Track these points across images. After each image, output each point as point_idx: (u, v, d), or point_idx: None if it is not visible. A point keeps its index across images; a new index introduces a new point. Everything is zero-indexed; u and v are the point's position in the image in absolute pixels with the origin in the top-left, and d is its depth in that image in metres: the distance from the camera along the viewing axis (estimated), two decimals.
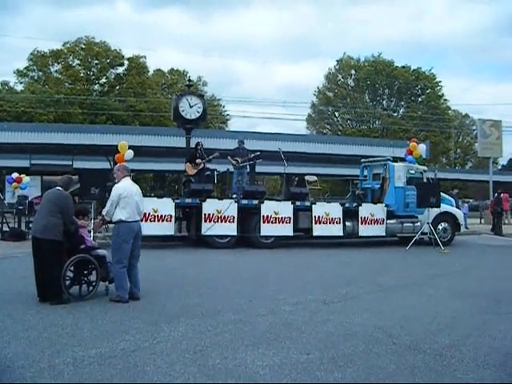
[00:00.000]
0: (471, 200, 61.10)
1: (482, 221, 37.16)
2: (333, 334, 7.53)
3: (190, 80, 25.44)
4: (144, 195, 18.16)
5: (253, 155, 20.56)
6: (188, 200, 18.62)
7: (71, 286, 9.49)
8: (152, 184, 63.39)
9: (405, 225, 20.89)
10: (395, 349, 6.91)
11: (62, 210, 9.11)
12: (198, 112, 21.73)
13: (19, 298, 9.42)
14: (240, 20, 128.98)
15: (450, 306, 9.64)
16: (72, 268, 9.44)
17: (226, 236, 18.58)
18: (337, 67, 72.90)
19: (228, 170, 21.27)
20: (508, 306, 9.79)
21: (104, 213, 9.75)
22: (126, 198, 9.44)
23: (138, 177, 59.00)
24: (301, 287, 11.26)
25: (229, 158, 20.56)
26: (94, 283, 9.66)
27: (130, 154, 19.56)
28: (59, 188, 9.41)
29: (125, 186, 9.63)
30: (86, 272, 9.65)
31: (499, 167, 75.55)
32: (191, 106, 21.63)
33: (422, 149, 22.34)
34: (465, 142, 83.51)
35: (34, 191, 25.51)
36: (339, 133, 69.47)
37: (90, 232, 10.32)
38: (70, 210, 9.34)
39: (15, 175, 23.45)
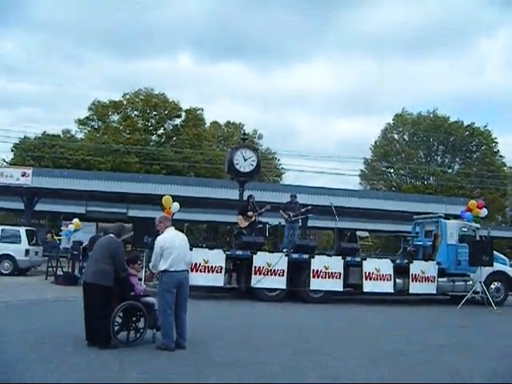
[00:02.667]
0: None
1: None
2: None
3: (244, 133, 25.87)
4: (196, 246, 18.67)
5: (304, 209, 20.59)
6: (239, 252, 18.69)
7: (119, 332, 9.68)
8: (205, 235, 63.83)
9: (456, 283, 20.52)
10: None
11: (114, 256, 9.35)
12: (252, 165, 21.98)
13: (68, 341, 9.60)
14: (298, 75, 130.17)
15: (498, 368, 9.45)
16: (121, 314, 9.63)
17: (276, 289, 18.50)
18: (394, 122, 72.85)
19: (280, 223, 21.37)
20: None
21: (150, 266, 10.00)
22: (168, 248, 9.54)
23: (191, 227, 59.68)
24: (347, 342, 11.24)
25: (281, 211, 20.60)
26: (141, 330, 9.82)
27: (176, 206, 19.99)
28: (112, 235, 9.68)
29: (166, 237, 9.76)
30: (134, 318, 9.83)
31: None
32: (245, 160, 21.88)
33: (483, 213, 22.09)
34: None
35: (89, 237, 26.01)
36: (393, 188, 69.15)
37: (140, 280, 10.49)
38: (121, 256, 9.57)
39: (75, 221, 24.21)
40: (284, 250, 19.51)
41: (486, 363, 9.87)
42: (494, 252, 21.15)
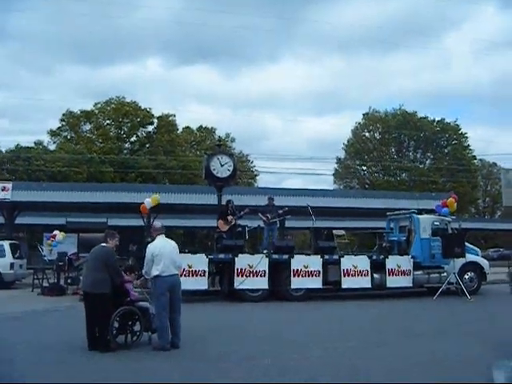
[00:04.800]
0: (502, 249, 60.98)
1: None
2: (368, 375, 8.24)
3: (220, 139, 26.53)
4: (180, 252, 19.15)
5: (281, 211, 21.18)
6: (221, 255, 19.28)
7: (117, 336, 10.26)
8: (183, 240, 64.05)
9: (431, 275, 21.18)
10: None
11: (107, 263, 9.98)
12: (229, 170, 22.52)
13: (69, 347, 10.19)
14: (268, 75, 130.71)
15: (478, 352, 9.98)
16: (118, 319, 10.20)
17: (258, 290, 19.10)
18: (363, 121, 73.96)
19: (259, 225, 21.90)
20: None
21: (143, 272, 10.63)
22: (158, 255, 10.22)
23: (168, 233, 59.90)
24: (330, 335, 11.92)
25: (259, 214, 21.14)
26: (137, 333, 10.42)
27: (147, 201, 20.68)
28: (103, 244, 10.31)
29: (156, 244, 10.49)
30: (130, 323, 10.42)
31: None
32: (222, 165, 22.39)
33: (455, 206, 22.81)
34: (493, 191, 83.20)
35: (72, 248, 26.34)
36: (367, 186, 70.02)
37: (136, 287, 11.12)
38: (114, 262, 10.24)
39: (56, 233, 24.51)
40: (264, 252, 20.13)
41: (455, 348, 10.52)
42: (466, 244, 21.91)
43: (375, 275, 20.35)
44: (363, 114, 74.40)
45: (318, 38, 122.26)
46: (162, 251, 10.30)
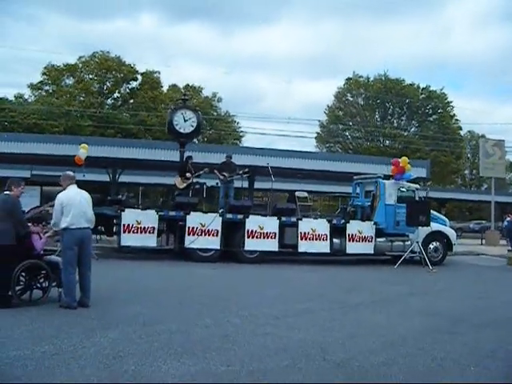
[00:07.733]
0: (484, 221, 60.60)
1: (483, 241, 36.66)
2: (265, 348, 7.41)
3: (185, 94, 25.60)
4: (128, 207, 18.66)
5: (242, 171, 20.61)
6: (172, 213, 18.74)
7: (23, 291, 9.60)
8: (163, 198, 63.25)
9: (394, 243, 20.67)
10: (322, 365, 6.74)
11: (11, 213, 9.20)
12: (192, 126, 21.81)
13: None
14: (262, 36, 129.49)
15: (407, 325, 9.42)
16: (23, 274, 9.49)
17: (210, 249, 18.54)
18: (346, 85, 73.14)
19: (217, 183, 21.26)
20: (466, 327, 9.52)
21: (52, 224, 9.82)
22: (67, 206, 9.43)
23: (146, 191, 59.47)
24: (262, 301, 11.24)
25: (216, 172, 20.51)
26: (46, 289, 9.72)
27: (82, 151, 19.88)
28: (7, 192, 9.47)
29: (66, 194, 9.65)
30: (38, 277, 9.73)
31: None
32: (186, 120, 21.72)
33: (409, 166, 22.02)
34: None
35: (35, 201, 25.63)
36: (350, 151, 69.31)
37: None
38: (19, 212, 9.48)
39: None
40: (220, 211, 19.50)
41: (393, 320, 9.87)
42: (434, 213, 21.41)
43: (335, 240, 19.85)
44: (346, 79, 73.79)
45: (315, 1, 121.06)
46: (72, 202, 9.51)
